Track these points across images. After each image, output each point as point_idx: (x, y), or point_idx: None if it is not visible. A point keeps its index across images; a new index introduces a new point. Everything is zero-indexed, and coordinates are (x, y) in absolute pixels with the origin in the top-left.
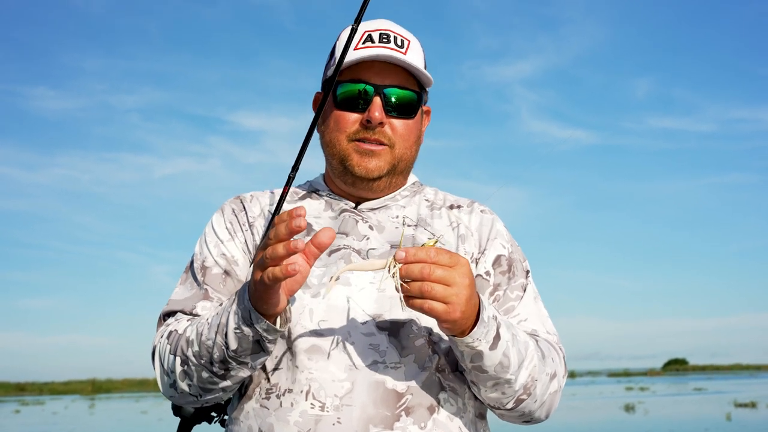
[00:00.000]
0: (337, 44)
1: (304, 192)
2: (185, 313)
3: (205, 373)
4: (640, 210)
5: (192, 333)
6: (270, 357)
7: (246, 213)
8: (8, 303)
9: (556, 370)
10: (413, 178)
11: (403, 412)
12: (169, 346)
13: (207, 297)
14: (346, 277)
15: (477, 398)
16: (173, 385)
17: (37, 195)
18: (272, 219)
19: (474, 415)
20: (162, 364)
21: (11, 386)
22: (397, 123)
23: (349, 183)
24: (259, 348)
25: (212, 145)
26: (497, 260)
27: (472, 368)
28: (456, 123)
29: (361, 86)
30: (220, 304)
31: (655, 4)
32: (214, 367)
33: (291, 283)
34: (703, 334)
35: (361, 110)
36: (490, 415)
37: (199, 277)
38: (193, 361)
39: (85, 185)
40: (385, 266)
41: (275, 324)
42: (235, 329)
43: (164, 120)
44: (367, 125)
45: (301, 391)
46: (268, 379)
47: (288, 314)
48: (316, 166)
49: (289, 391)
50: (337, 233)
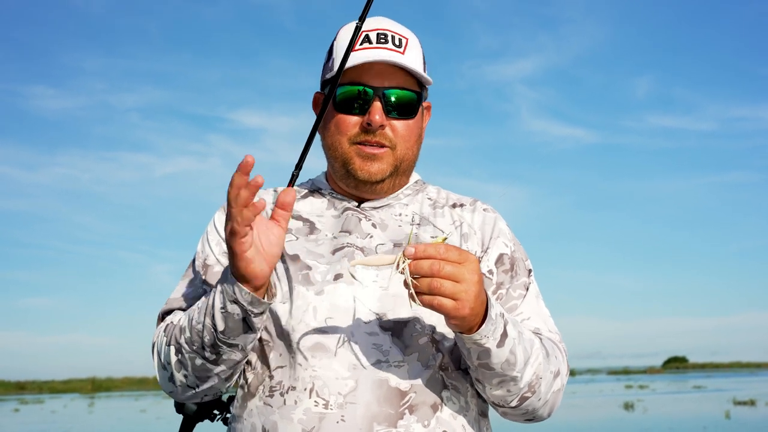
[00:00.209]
0: (335, 43)
1: (307, 190)
2: (184, 310)
3: (198, 360)
4: (640, 209)
5: (184, 321)
6: (273, 354)
7: None
8: (8, 302)
9: (560, 368)
10: (416, 176)
11: (406, 410)
12: (165, 338)
13: (206, 294)
14: (350, 273)
15: (480, 396)
16: (171, 377)
17: (37, 195)
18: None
19: (477, 413)
20: (160, 357)
21: (11, 385)
22: (398, 124)
23: (352, 186)
24: (247, 327)
25: (212, 143)
26: (500, 259)
27: (478, 365)
28: (456, 122)
29: (360, 89)
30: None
31: (655, 3)
32: (206, 351)
33: (267, 245)
34: (704, 333)
35: (361, 113)
36: (491, 413)
37: (201, 274)
38: (186, 348)
39: (85, 185)
40: (395, 262)
41: (261, 295)
42: (221, 308)
43: (164, 119)
44: (368, 128)
45: (305, 389)
46: (272, 377)
47: (273, 289)
48: (318, 164)
49: (293, 388)
50: (341, 231)
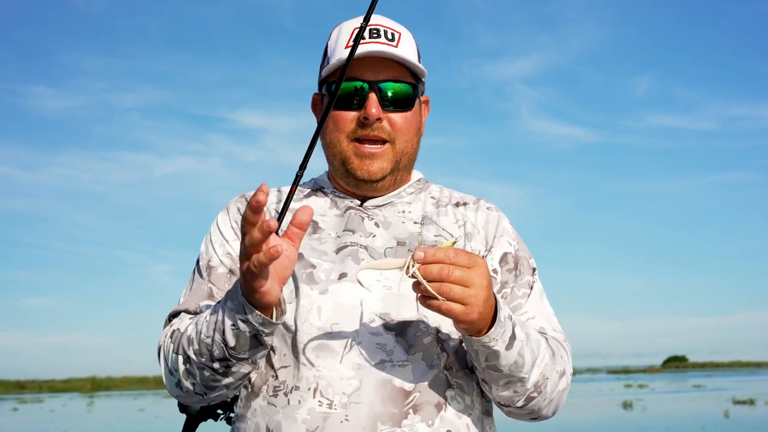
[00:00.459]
0: (329, 43)
1: (309, 190)
2: (189, 312)
3: (207, 372)
4: (640, 209)
5: (192, 331)
6: (277, 354)
7: None
8: (8, 302)
9: (565, 367)
10: (418, 174)
11: (410, 410)
12: (172, 345)
13: (211, 296)
14: (353, 274)
15: (484, 395)
16: (178, 384)
17: (37, 194)
18: (280, 217)
19: (481, 413)
20: (167, 363)
21: (11, 384)
22: (395, 117)
23: (352, 185)
24: (258, 342)
25: (212, 143)
26: (504, 258)
27: (486, 367)
28: (456, 121)
29: (356, 84)
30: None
31: (655, 3)
32: (215, 364)
33: (280, 269)
34: (703, 332)
35: (358, 108)
36: (494, 412)
37: (205, 276)
38: (194, 359)
39: (85, 184)
40: (404, 266)
41: (271, 317)
42: (232, 326)
43: (164, 119)
44: (365, 122)
45: (309, 389)
46: (276, 377)
47: (283, 305)
48: (320, 164)
49: (297, 388)
50: (344, 230)
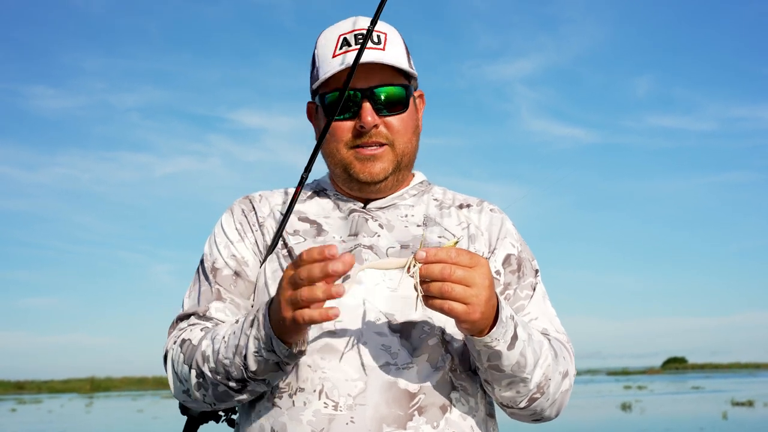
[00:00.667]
0: (315, 53)
1: (312, 191)
2: (199, 315)
3: (222, 388)
4: (639, 209)
5: (208, 349)
6: None
7: (255, 213)
8: (8, 302)
9: (568, 368)
10: (421, 176)
11: (415, 412)
12: (182, 356)
13: (219, 298)
14: (358, 276)
15: (487, 397)
16: (187, 392)
17: (37, 194)
18: (284, 219)
19: (485, 414)
20: (175, 370)
21: (10, 385)
22: (392, 120)
23: (355, 189)
24: (278, 368)
25: (212, 143)
26: (507, 259)
27: (488, 367)
28: (456, 121)
29: (348, 93)
30: (233, 304)
31: (655, 3)
32: (231, 382)
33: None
34: (703, 333)
35: (353, 117)
36: (497, 413)
37: (211, 278)
38: (209, 376)
39: (85, 184)
40: (405, 266)
41: (295, 348)
42: (255, 353)
43: (164, 119)
44: (362, 131)
45: (314, 391)
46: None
47: (306, 336)
48: (322, 165)
49: (302, 390)
50: (349, 235)
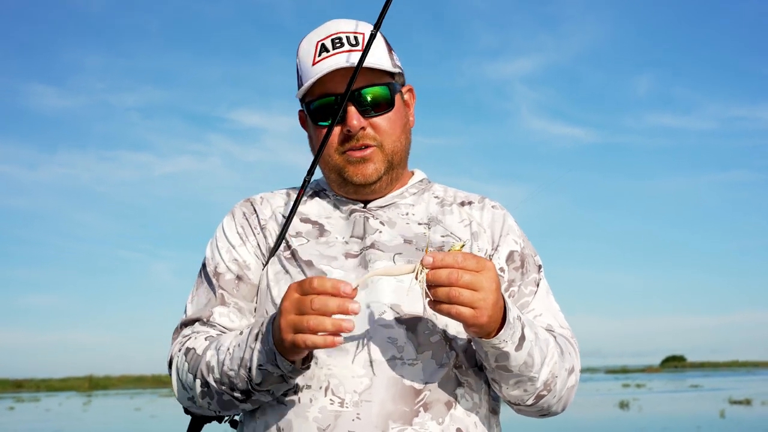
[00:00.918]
0: (297, 62)
1: (312, 191)
2: (202, 321)
3: (226, 397)
4: (639, 208)
5: (212, 359)
6: None
7: (257, 216)
8: (8, 300)
9: (573, 364)
10: (421, 174)
11: (421, 408)
12: (187, 364)
13: (223, 302)
14: (362, 271)
15: (490, 394)
16: (191, 399)
17: (37, 193)
18: (287, 222)
19: (488, 411)
20: (180, 378)
21: (9, 383)
22: (378, 121)
23: (351, 192)
24: (283, 380)
25: (212, 143)
26: (510, 256)
27: (496, 367)
28: (456, 120)
29: (331, 99)
30: (236, 308)
31: (655, 2)
32: (236, 393)
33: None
34: (702, 331)
35: (340, 121)
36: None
37: (214, 282)
38: (214, 386)
39: (85, 183)
40: (413, 271)
41: (299, 364)
42: (259, 366)
43: (164, 118)
44: (349, 134)
45: (320, 387)
46: None
47: (311, 353)
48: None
49: (308, 387)
50: (351, 236)
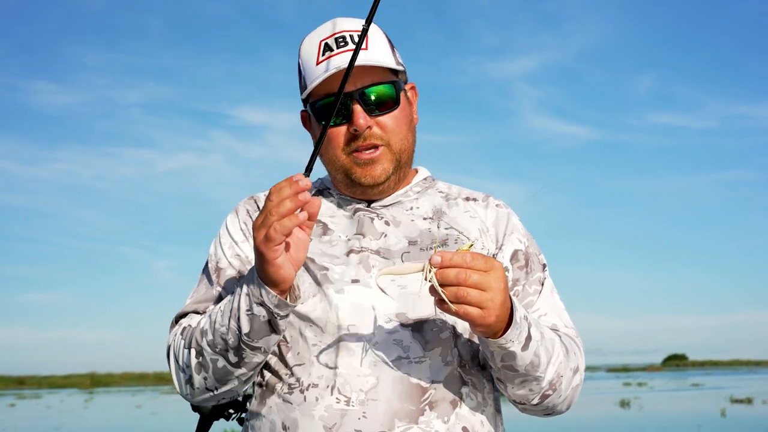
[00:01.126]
0: (300, 61)
1: (316, 189)
2: (198, 312)
3: (221, 362)
4: (641, 207)
5: (205, 323)
6: (292, 351)
7: None
8: (9, 298)
9: (579, 364)
10: (425, 172)
11: (427, 407)
12: (183, 341)
13: (220, 299)
14: (366, 281)
15: (495, 392)
16: (189, 380)
17: (38, 190)
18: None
19: (493, 409)
20: (177, 361)
21: (11, 380)
22: (384, 120)
23: (358, 193)
24: (271, 329)
25: (214, 140)
26: (515, 255)
27: (502, 367)
28: (458, 119)
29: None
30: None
31: (656, 1)
32: (229, 354)
33: (294, 250)
34: (704, 330)
35: (346, 120)
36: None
37: (214, 278)
38: (207, 350)
39: (86, 180)
40: (421, 271)
41: (287, 298)
42: (247, 311)
43: (166, 115)
44: (355, 134)
45: (326, 386)
46: (292, 374)
47: (297, 291)
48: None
49: (314, 385)
50: (355, 234)
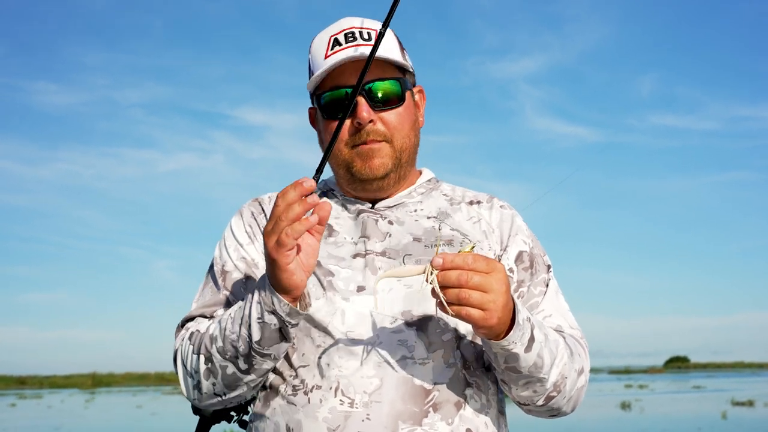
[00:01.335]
0: (310, 57)
1: (320, 191)
2: (206, 316)
3: (230, 369)
4: (643, 208)
5: (215, 329)
6: (297, 353)
7: (265, 215)
8: (9, 298)
9: (583, 365)
10: (429, 174)
11: (431, 408)
12: (192, 347)
13: (228, 305)
14: (372, 287)
15: (499, 394)
16: (197, 386)
17: (39, 190)
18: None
19: (497, 411)
20: (185, 366)
21: (12, 380)
22: (387, 115)
23: (359, 189)
24: (282, 337)
25: (215, 140)
26: (519, 256)
27: (505, 369)
28: (460, 119)
29: (341, 92)
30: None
31: (659, 2)
32: (239, 361)
33: (304, 256)
34: (706, 332)
35: (350, 115)
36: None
37: (220, 281)
38: (217, 357)
39: (86, 180)
40: (423, 273)
41: (298, 306)
42: (258, 318)
43: (167, 115)
44: (359, 127)
45: (330, 388)
46: (296, 376)
47: (307, 299)
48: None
49: (318, 387)
50: (360, 237)
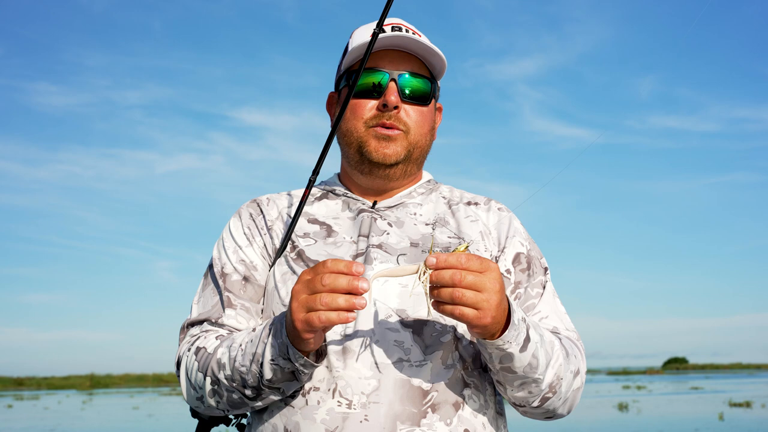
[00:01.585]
0: (350, 41)
1: (321, 192)
2: (211, 322)
3: (236, 395)
4: (642, 209)
5: (224, 356)
6: None
7: (264, 217)
8: (9, 298)
9: (579, 367)
10: (428, 176)
11: (429, 409)
12: (197, 363)
13: (230, 305)
14: (368, 275)
15: (497, 395)
16: (200, 399)
17: (39, 190)
18: (293, 222)
19: (495, 411)
20: (189, 378)
21: (10, 381)
22: (412, 109)
23: (366, 172)
24: (294, 377)
25: (215, 141)
26: (517, 258)
27: (500, 369)
28: (460, 121)
29: (376, 74)
30: (243, 309)
31: (658, 3)
32: (246, 390)
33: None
34: (704, 334)
35: (377, 97)
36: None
37: (220, 283)
38: (224, 384)
39: (87, 181)
40: (416, 272)
41: (312, 359)
42: (271, 361)
43: (167, 116)
44: (384, 109)
45: (328, 389)
46: None
47: (324, 349)
48: (330, 167)
49: (316, 389)
50: (359, 236)
